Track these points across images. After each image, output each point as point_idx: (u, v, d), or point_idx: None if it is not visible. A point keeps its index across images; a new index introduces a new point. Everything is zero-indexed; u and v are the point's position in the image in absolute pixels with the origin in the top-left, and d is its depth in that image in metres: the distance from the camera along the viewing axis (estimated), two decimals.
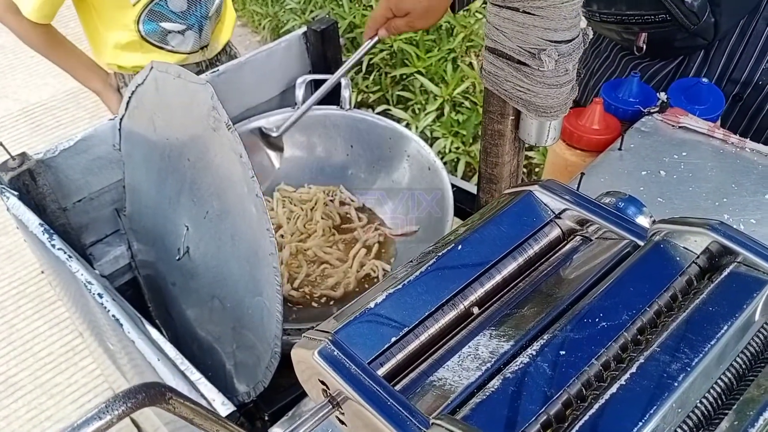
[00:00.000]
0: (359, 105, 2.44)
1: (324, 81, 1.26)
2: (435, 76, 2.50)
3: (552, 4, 0.61)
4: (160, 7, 1.35)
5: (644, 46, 1.09)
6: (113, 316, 0.83)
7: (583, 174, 0.82)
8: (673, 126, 0.98)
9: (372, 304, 0.51)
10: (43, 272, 1.21)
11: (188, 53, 1.46)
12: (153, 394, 0.31)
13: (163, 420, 1.04)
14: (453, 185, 1.08)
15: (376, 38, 1.09)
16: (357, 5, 2.78)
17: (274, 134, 1.19)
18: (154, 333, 0.83)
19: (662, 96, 1.03)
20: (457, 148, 2.29)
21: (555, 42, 0.64)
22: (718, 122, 1.04)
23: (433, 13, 0.99)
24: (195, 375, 0.79)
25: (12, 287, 2.17)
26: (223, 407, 0.74)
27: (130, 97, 1.02)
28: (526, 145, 0.81)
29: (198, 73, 1.44)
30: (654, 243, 0.52)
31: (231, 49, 1.62)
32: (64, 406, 1.85)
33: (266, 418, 0.91)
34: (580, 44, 0.66)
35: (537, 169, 2.19)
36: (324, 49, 1.29)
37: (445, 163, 1.12)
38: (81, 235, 1.14)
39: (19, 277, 2.19)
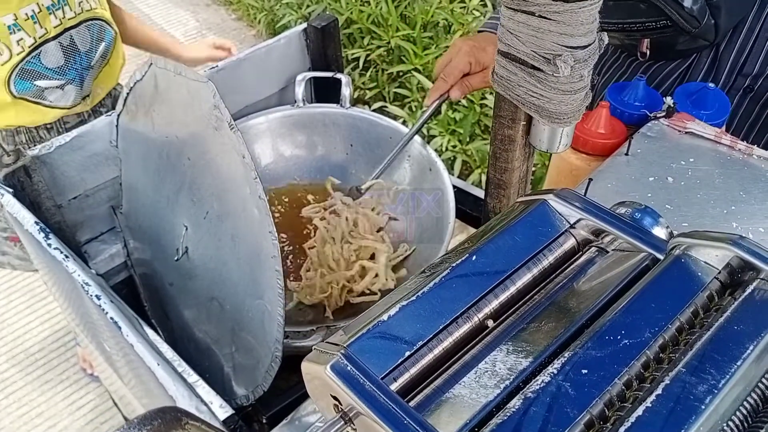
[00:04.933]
0: (356, 102, 2.42)
1: (324, 78, 1.25)
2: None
3: (569, 9, 0.59)
4: (32, 65, 1.22)
5: (647, 52, 1.09)
6: (111, 318, 0.81)
7: (590, 180, 0.81)
8: (680, 131, 0.97)
9: (384, 317, 0.50)
10: (37, 270, 1.19)
11: (70, 107, 1.33)
12: (168, 419, 0.29)
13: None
14: (454, 186, 1.07)
15: (446, 97, 1.03)
16: (354, 0, 2.76)
17: (363, 191, 1.16)
18: (151, 335, 0.82)
19: (668, 101, 1.02)
20: (454, 146, 2.28)
21: (571, 47, 0.62)
22: (724, 128, 1.03)
23: None
24: (193, 377, 0.77)
25: (3, 281, 2.14)
26: (221, 410, 0.72)
27: (128, 94, 1.00)
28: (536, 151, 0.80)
29: (79, 123, 1.36)
30: (674, 257, 0.50)
31: (116, 90, 1.47)
32: (56, 402, 1.83)
33: (264, 421, 0.90)
34: (596, 50, 0.65)
35: (534, 169, 2.19)
36: (324, 47, 1.27)
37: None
38: (76, 233, 1.12)
39: (9, 271, 2.16)
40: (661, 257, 0.52)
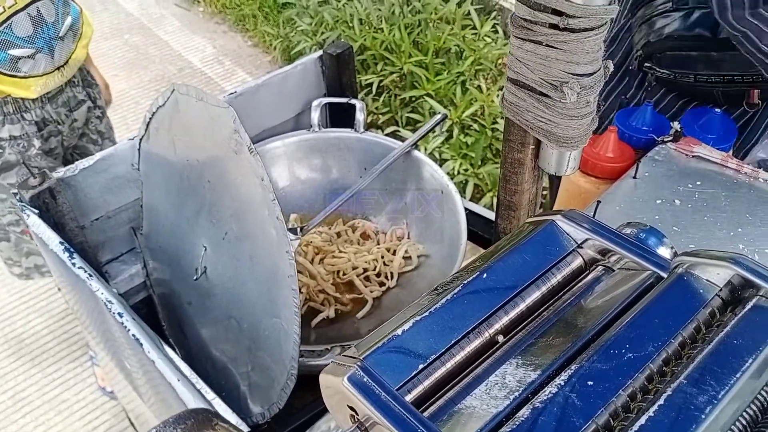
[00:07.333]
0: (369, 126, 2.45)
1: (339, 104, 1.28)
2: (444, 99, 2.52)
3: (575, 39, 0.62)
4: (5, 35, 1.30)
5: (760, 102, 1.10)
6: (133, 335, 0.84)
7: (599, 202, 0.83)
8: (687, 155, 1.00)
9: (399, 331, 0.52)
10: (59, 290, 1.22)
11: (41, 75, 1.39)
12: (201, 419, 0.31)
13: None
14: (466, 209, 1.10)
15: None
16: (367, 27, 2.81)
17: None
18: (170, 353, 0.84)
19: (675, 125, 1.04)
20: (466, 170, 2.31)
21: (577, 75, 0.65)
22: (731, 152, 1.05)
23: None
24: (210, 395, 0.79)
25: (22, 302, 2.18)
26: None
27: (150, 118, 1.04)
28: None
29: (59, 92, 1.45)
30: (677, 275, 0.53)
31: (85, 66, 1.57)
32: (72, 422, 1.85)
33: None
34: (602, 77, 0.67)
35: (544, 191, 2.21)
36: (339, 73, 1.30)
37: None
38: (97, 253, 1.15)
39: (29, 292, 2.20)
40: (665, 275, 0.54)
